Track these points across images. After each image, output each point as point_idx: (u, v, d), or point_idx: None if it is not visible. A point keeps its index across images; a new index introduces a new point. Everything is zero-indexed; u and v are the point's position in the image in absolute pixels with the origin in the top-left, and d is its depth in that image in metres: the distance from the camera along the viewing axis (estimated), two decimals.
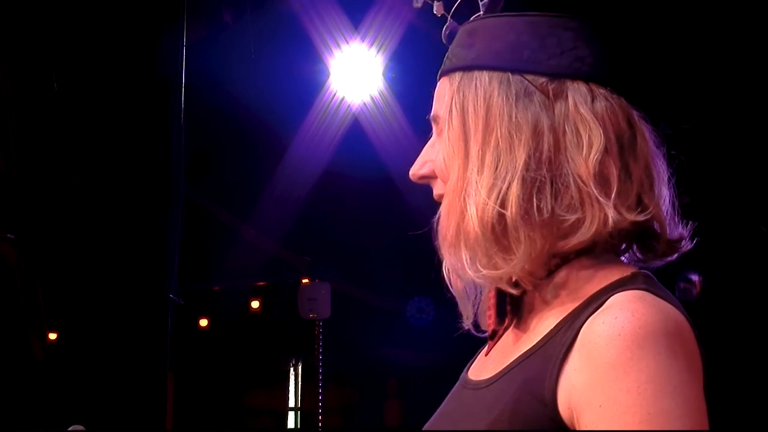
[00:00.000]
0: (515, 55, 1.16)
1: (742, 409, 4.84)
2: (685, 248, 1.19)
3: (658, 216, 1.16)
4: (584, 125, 1.13)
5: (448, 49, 1.24)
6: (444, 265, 1.22)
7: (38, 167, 5.27)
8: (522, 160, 1.13)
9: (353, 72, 5.38)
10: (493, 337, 1.21)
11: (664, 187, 1.17)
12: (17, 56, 4.92)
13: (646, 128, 1.18)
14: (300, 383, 8.08)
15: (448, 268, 1.22)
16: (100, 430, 5.19)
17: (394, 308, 6.80)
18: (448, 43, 1.25)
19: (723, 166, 4.91)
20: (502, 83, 1.16)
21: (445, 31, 1.26)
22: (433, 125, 1.25)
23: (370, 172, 5.57)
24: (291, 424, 8.06)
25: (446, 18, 1.27)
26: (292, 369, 8.13)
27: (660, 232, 1.17)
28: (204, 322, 7.33)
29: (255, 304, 7.11)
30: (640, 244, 1.19)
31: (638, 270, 1.15)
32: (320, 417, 5.99)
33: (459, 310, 1.25)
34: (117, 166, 5.94)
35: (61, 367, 5.88)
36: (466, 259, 1.16)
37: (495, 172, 1.13)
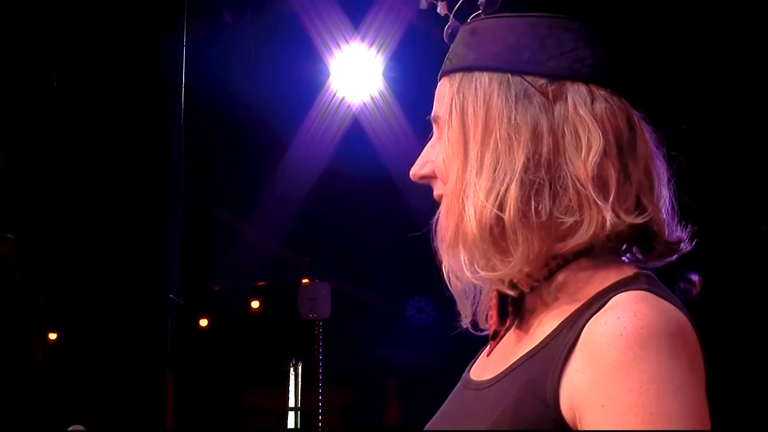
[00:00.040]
0: (515, 57, 1.16)
1: (743, 409, 4.83)
2: (684, 250, 1.19)
3: (657, 218, 1.16)
4: (583, 127, 1.13)
5: (449, 49, 1.24)
6: (443, 265, 1.22)
7: (38, 167, 5.27)
8: (521, 162, 1.13)
9: (353, 72, 5.37)
10: (495, 337, 1.21)
11: (663, 189, 1.17)
12: (17, 56, 4.92)
13: (647, 129, 1.17)
14: (300, 383, 8.08)
15: (447, 269, 1.22)
16: (100, 430, 5.19)
17: (394, 308, 6.80)
18: (450, 43, 1.24)
19: (723, 166, 4.91)
20: (502, 85, 1.16)
21: (447, 30, 1.26)
22: (433, 125, 1.24)
23: (370, 172, 5.56)
24: (291, 424, 8.05)
25: (447, 18, 1.26)
26: (292, 369, 8.13)
27: (659, 234, 1.17)
28: (204, 322, 7.32)
29: (255, 304, 7.10)
30: (639, 245, 1.19)
31: (640, 270, 1.15)
32: (320, 417, 5.99)
33: (457, 308, 1.25)
34: (117, 166, 5.94)
35: (61, 367, 5.88)
36: (464, 260, 1.16)
37: (493, 174, 1.13)
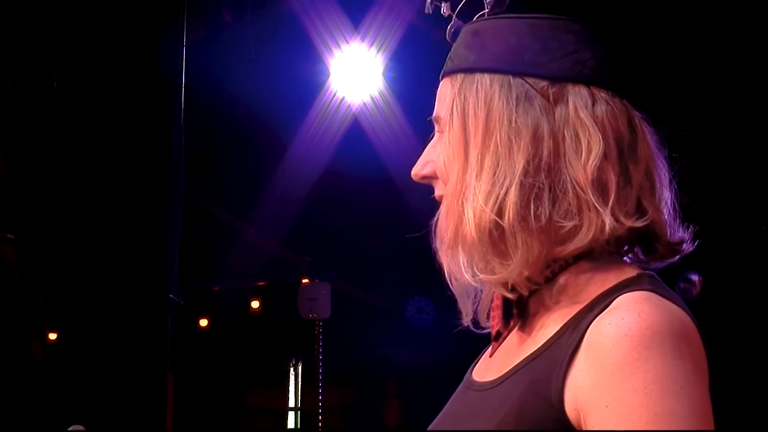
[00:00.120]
0: (516, 58, 1.16)
1: (743, 409, 4.83)
2: (686, 251, 1.19)
3: (658, 220, 1.16)
4: (584, 130, 1.13)
5: (451, 49, 1.24)
6: (443, 265, 1.22)
7: (38, 167, 5.27)
8: (521, 165, 1.12)
9: (353, 72, 5.37)
10: (497, 338, 1.21)
11: (665, 190, 1.17)
12: (17, 56, 4.92)
13: (648, 130, 1.17)
14: (300, 383, 8.08)
15: (447, 269, 1.22)
16: (100, 430, 5.19)
17: (394, 308, 6.80)
18: (452, 42, 1.24)
19: (723, 166, 4.91)
20: (503, 86, 1.15)
21: (449, 30, 1.25)
22: (435, 126, 1.24)
23: (370, 172, 5.56)
24: (291, 424, 8.05)
25: (448, 18, 1.26)
26: (292, 369, 8.13)
27: (660, 235, 1.17)
28: (204, 322, 7.32)
29: (255, 304, 7.10)
30: (642, 246, 1.18)
31: (642, 271, 1.15)
32: (320, 417, 5.99)
33: (458, 307, 1.25)
34: (117, 166, 5.93)
35: (61, 367, 5.88)
36: (463, 262, 1.16)
37: (493, 177, 1.13)
